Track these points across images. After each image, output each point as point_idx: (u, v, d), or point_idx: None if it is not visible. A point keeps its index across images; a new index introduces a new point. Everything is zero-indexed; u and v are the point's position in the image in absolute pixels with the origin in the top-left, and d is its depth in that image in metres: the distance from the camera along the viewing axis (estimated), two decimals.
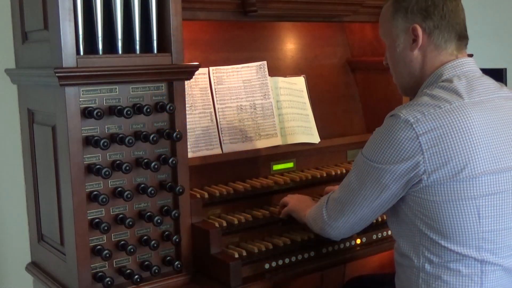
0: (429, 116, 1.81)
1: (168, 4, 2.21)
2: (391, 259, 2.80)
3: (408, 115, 1.82)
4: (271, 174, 2.79)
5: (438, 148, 1.79)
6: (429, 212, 1.86)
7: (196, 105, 2.63)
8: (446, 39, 1.97)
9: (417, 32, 1.97)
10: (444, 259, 1.88)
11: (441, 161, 1.80)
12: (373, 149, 1.91)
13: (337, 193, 2.07)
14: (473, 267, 1.86)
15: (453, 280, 1.87)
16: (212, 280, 2.27)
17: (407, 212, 1.93)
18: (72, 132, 2.05)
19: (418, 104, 1.86)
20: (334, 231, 2.10)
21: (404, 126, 1.82)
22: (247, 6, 2.60)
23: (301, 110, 2.91)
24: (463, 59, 1.98)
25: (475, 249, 1.85)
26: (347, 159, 3.09)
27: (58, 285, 2.29)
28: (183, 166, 2.29)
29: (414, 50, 2.00)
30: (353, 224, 2.05)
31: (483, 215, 1.84)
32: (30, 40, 2.35)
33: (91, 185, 2.12)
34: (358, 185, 1.96)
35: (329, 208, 2.09)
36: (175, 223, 2.32)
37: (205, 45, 2.80)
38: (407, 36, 2.00)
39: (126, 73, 2.14)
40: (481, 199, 1.83)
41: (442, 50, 1.98)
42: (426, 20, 1.96)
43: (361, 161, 1.96)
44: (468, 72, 1.96)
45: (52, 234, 2.34)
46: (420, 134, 1.80)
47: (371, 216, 2.01)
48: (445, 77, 1.94)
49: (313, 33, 3.15)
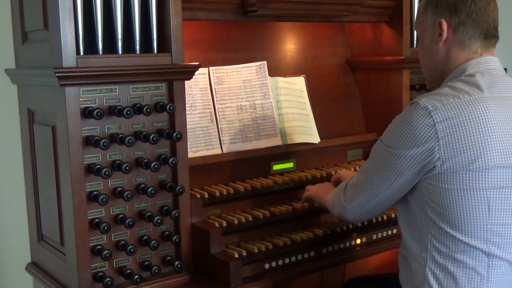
0: (448, 106, 1.85)
1: (168, 4, 2.22)
2: (391, 259, 2.81)
3: (427, 103, 1.87)
4: (271, 174, 2.79)
5: (453, 137, 1.83)
6: (440, 200, 1.88)
7: (196, 105, 2.63)
8: (471, 36, 2.00)
9: (443, 27, 2.00)
10: (451, 249, 1.90)
11: (455, 150, 1.83)
12: (390, 135, 1.95)
13: (355, 178, 2.12)
14: (479, 260, 1.88)
15: (458, 272, 1.89)
16: (212, 280, 2.27)
17: (418, 199, 1.96)
18: (72, 132, 2.05)
19: (438, 93, 1.91)
20: (351, 215, 2.14)
21: (422, 113, 1.86)
22: (247, 6, 2.60)
23: (301, 110, 2.91)
24: (487, 57, 2.01)
25: (483, 241, 1.87)
26: (347, 159, 3.09)
27: (58, 285, 2.29)
28: (183, 166, 2.29)
29: (439, 44, 2.03)
30: (369, 209, 2.08)
31: (493, 207, 1.86)
32: (30, 40, 2.35)
33: (91, 185, 2.12)
34: (375, 171, 2.00)
35: (347, 193, 2.14)
36: (175, 223, 2.32)
37: (205, 45, 2.80)
38: (434, 30, 2.03)
39: (126, 73, 2.14)
40: (492, 191, 1.85)
41: (466, 47, 2.01)
42: (453, 16, 1.99)
43: (378, 147, 2.01)
44: (491, 69, 1.98)
45: (52, 234, 2.34)
46: (437, 122, 1.84)
47: (387, 202, 2.04)
48: (468, 72, 1.97)
49: (313, 33, 3.15)
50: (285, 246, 2.41)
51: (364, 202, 2.06)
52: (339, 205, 2.17)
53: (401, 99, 3.07)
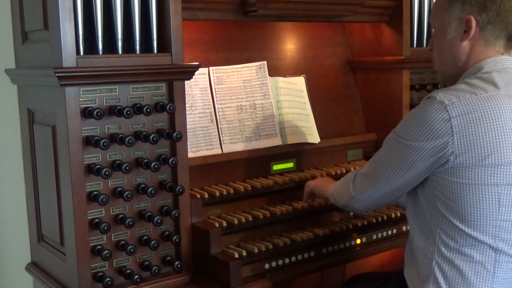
0: (464, 101, 1.86)
1: (168, 4, 2.22)
2: (391, 259, 2.81)
3: (443, 98, 1.87)
4: (271, 174, 2.79)
5: (468, 132, 1.83)
6: (451, 193, 1.89)
7: (196, 105, 2.63)
8: (497, 36, 1.99)
9: (471, 24, 1.98)
10: (459, 243, 1.90)
11: (469, 145, 1.84)
12: (405, 127, 1.96)
13: (365, 168, 2.12)
14: (487, 255, 1.89)
15: (465, 266, 1.90)
16: (212, 280, 2.27)
17: (428, 193, 1.96)
18: (72, 132, 2.05)
19: (455, 89, 1.91)
20: (359, 204, 2.15)
21: (438, 107, 1.86)
22: (247, 6, 2.60)
23: (301, 110, 2.91)
24: (505, 56, 2.02)
25: (491, 237, 1.88)
26: (347, 159, 3.09)
27: (58, 285, 2.29)
28: (183, 166, 2.29)
29: (464, 41, 2.01)
30: (377, 199, 2.09)
31: (503, 203, 1.87)
32: (30, 40, 2.35)
33: (91, 185, 2.12)
34: (386, 161, 2.00)
35: (356, 183, 2.14)
36: (175, 223, 2.32)
37: (205, 45, 2.80)
38: (460, 26, 2.01)
39: (126, 73, 2.14)
40: (503, 187, 1.86)
41: (490, 46, 2.00)
42: (482, 14, 1.98)
43: (391, 138, 2.01)
44: (508, 68, 1.99)
45: (52, 234, 2.34)
46: (452, 116, 1.84)
47: (396, 193, 2.05)
48: (485, 70, 1.97)
49: (313, 33, 3.15)
50: (285, 246, 2.41)
51: (374, 192, 2.06)
52: (347, 195, 2.17)
53: (401, 99, 3.07)
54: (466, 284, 1.89)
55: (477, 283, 1.89)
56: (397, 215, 2.76)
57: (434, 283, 1.94)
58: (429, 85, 3.12)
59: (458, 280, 1.90)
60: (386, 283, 2.29)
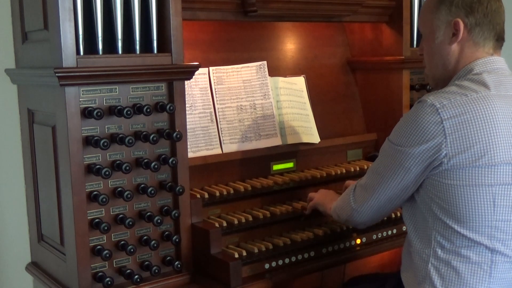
0: (455, 103, 1.86)
1: (168, 4, 2.22)
2: (391, 259, 2.81)
3: (434, 101, 1.88)
4: (271, 174, 2.79)
5: (460, 134, 1.84)
6: (445, 195, 1.89)
7: (196, 105, 2.63)
8: (486, 37, 2.00)
9: (459, 27, 1.99)
10: (455, 245, 1.91)
11: (462, 146, 1.84)
12: (398, 133, 1.96)
13: (364, 179, 2.13)
14: (483, 255, 1.89)
15: (462, 266, 1.90)
16: (212, 280, 2.27)
17: (424, 196, 1.96)
18: (72, 132, 2.05)
19: (445, 92, 1.92)
20: (360, 217, 2.14)
21: (430, 110, 1.87)
22: (247, 6, 2.60)
23: (301, 110, 2.91)
24: (495, 57, 2.02)
25: (487, 237, 1.88)
26: (347, 159, 3.09)
27: (58, 285, 2.29)
28: (183, 166, 2.29)
29: (453, 44, 2.02)
30: (378, 208, 2.08)
31: (498, 203, 1.87)
32: (30, 40, 2.35)
33: (91, 185, 2.12)
34: (383, 169, 2.01)
35: (356, 194, 2.14)
36: (175, 223, 2.32)
37: (205, 45, 2.80)
38: (448, 29, 2.02)
39: (126, 73, 2.14)
40: (498, 187, 1.86)
41: (480, 47, 2.01)
42: (469, 16, 1.98)
43: (386, 146, 2.02)
44: (498, 69, 1.99)
45: (52, 234, 2.34)
46: (444, 119, 1.85)
47: (396, 201, 2.05)
48: (475, 71, 1.98)
49: (313, 33, 3.15)
50: (285, 246, 2.41)
51: (373, 201, 2.06)
52: (348, 208, 2.16)
53: (401, 99, 3.07)
54: (462, 285, 1.89)
55: (473, 283, 1.89)
56: (397, 215, 2.76)
57: (430, 284, 1.93)
58: (429, 85, 3.12)
59: (455, 281, 1.90)
60: (383, 285, 2.29)
